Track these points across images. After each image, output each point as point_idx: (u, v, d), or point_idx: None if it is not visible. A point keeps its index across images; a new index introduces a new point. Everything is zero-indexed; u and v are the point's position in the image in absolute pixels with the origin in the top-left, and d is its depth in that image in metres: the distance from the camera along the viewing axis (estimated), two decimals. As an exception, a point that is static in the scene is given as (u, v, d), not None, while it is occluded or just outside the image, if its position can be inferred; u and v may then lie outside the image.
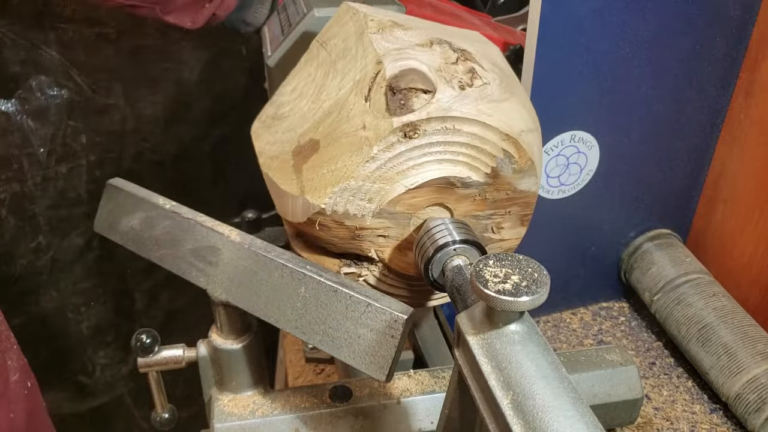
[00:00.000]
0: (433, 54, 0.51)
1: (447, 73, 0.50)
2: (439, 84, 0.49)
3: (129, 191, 0.58)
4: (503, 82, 0.52)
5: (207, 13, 0.85)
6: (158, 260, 0.54)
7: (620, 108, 0.72)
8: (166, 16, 0.85)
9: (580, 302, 0.87)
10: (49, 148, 1.04)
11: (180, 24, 0.85)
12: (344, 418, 0.53)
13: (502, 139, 0.49)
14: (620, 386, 0.60)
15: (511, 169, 0.51)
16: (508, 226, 0.55)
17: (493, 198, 0.52)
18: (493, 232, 0.54)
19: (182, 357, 0.55)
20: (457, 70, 0.51)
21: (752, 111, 0.74)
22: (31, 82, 0.99)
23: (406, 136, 0.47)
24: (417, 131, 0.47)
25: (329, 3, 0.65)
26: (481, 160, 0.50)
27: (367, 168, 0.48)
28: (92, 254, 1.16)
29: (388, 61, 0.50)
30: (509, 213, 0.53)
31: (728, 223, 0.80)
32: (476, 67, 0.51)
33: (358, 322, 0.44)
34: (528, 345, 0.37)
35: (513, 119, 0.50)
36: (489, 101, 0.50)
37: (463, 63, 0.51)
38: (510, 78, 0.54)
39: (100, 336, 1.23)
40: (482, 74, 0.51)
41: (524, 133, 0.51)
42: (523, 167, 0.51)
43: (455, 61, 0.51)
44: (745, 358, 0.68)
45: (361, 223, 0.50)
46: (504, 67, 0.55)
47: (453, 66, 0.51)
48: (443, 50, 0.52)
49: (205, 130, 1.19)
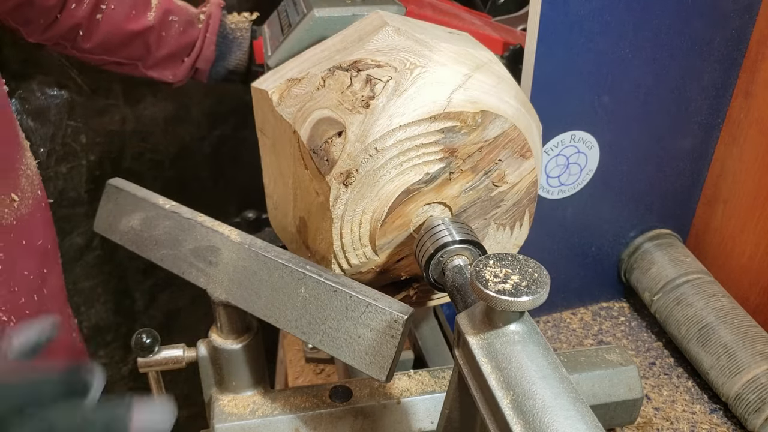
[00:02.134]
0: (328, 91, 0.51)
1: (348, 102, 0.49)
2: (345, 117, 0.49)
3: (129, 191, 0.58)
4: (408, 59, 0.50)
5: (186, 66, 0.88)
6: (158, 260, 0.54)
7: (620, 108, 0.72)
8: (149, 71, 0.88)
9: (580, 302, 0.87)
10: (49, 148, 1.04)
11: (163, 79, 0.88)
12: (344, 418, 0.53)
13: (430, 123, 0.48)
14: (620, 386, 0.60)
15: (461, 136, 0.49)
16: (511, 170, 0.52)
17: (471, 163, 0.50)
18: (497, 186, 0.53)
19: (182, 357, 0.55)
20: (355, 91, 0.50)
21: (752, 111, 0.74)
22: (31, 82, 0.99)
23: (345, 184, 0.48)
24: (351, 175, 0.48)
25: (329, 3, 0.65)
26: (425, 152, 0.49)
27: (336, 228, 0.49)
28: (92, 254, 1.16)
29: (298, 126, 0.50)
30: (501, 161, 0.51)
31: (728, 223, 0.80)
32: (371, 72, 0.50)
33: (358, 322, 0.44)
34: (528, 345, 0.37)
35: (433, 93, 0.48)
36: (399, 95, 0.48)
37: (357, 77, 0.50)
38: (420, 42, 0.52)
39: (100, 336, 1.23)
40: (379, 74, 0.50)
41: (455, 93, 0.49)
42: (474, 124, 0.49)
43: (350, 83, 0.50)
44: (745, 358, 0.68)
45: (374, 263, 0.52)
46: (409, 33, 0.53)
47: (350, 90, 0.50)
48: (336, 80, 0.51)
49: (205, 130, 1.19)
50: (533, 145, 0.53)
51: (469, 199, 0.52)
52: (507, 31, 0.91)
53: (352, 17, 0.63)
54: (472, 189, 0.52)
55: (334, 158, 0.48)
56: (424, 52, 0.51)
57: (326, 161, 0.48)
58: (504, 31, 0.90)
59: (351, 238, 0.50)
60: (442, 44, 0.52)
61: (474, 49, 0.54)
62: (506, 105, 0.51)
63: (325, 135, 0.49)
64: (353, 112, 0.48)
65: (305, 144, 0.49)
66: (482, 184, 0.52)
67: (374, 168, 0.48)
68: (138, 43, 0.83)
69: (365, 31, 0.55)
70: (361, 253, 0.51)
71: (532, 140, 0.53)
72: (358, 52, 0.52)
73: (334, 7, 0.64)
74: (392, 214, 0.50)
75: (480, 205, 0.53)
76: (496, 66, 0.54)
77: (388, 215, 0.50)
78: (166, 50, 0.85)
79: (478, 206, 0.53)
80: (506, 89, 0.52)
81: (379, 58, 0.51)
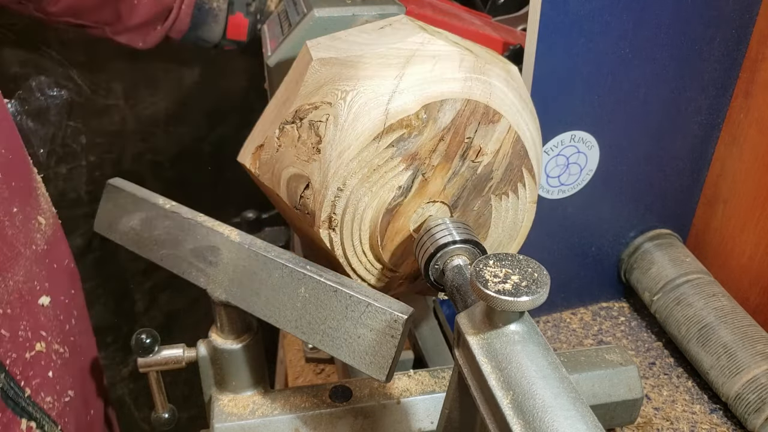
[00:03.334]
0: (286, 149, 0.51)
1: (303, 154, 0.50)
2: (306, 169, 0.49)
3: (129, 191, 0.58)
4: (339, 87, 0.49)
5: (159, 34, 0.85)
6: (158, 260, 0.54)
7: (620, 108, 0.72)
8: (117, 37, 0.85)
9: (580, 302, 0.87)
10: (48, 149, 1.04)
11: (131, 44, 0.86)
12: (344, 418, 0.53)
13: (377, 143, 0.47)
14: (620, 386, 0.60)
15: (414, 139, 0.48)
16: (485, 140, 0.50)
17: (439, 156, 0.49)
18: (479, 161, 0.51)
19: (182, 357, 0.55)
20: (304, 141, 0.50)
21: (752, 111, 0.74)
22: (31, 83, 0.99)
23: (333, 228, 0.50)
24: (333, 219, 0.49)
25: (329, 3, 0.65)
26: (386, 171, 0.48)
27: (346, 266, 0.52)
28: (92, 255, 1.16)
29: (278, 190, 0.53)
30: (469, 138, 0.49)
31: (728, 223, 0.80)
32: (311, 117, 0.49)
33: (358, 322, 0.44)
34: (528, 345, 0.37)
35: (369, 112, 0.47)
36: (340, 128, 0.48)
37: (302, 126, 0.50)
38: (345, 63, 0.50)
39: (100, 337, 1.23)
40: (318, 116, 0.49)
41: (391, 102, 0.47)
42: (421, 122, 0.47)
43: (298, 135, 0.50)
44: (745, 358, 0.68)
45: (399, 276, 0.54)
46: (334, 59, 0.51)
47: (300, 141, 0.50)
48: (287, 136, 0.51)
49: (205, 130, 1.19)
50: (501, 101, 0.50)
51: (456, 186, 0.51)
52: (507, 31, 0.91)
53: (352, 17, 0.63)
54: (455, 176, 0.50)
55: (312, 210, 0.50)
56: (350, 73, 0.49)
57: (308, 215, 0.50)
58: (504, 31, 0.90)
59: (364, 267, 0.52)
60: (366, 55, 0.50)
61: (402, 41, 0.51)
62: (451, 83, 0.48)
63: (298, 191, 0.50)
64: (310, 162, 0.49)
65: (288, 204, 0.52)
66: (463, 167, 0.50)
67: (348, 204, 0.49)
68: (108, 10, 0.79)
69: (299, 73, 0.54)
70: (381, 275, 0.53)
71: (498, 97, 0.49)
72: (296, 100, 0.52)
73: (334, 7, 0.64)
74: (387, 233, 0.51)
75: (471, 186, 0.52)
76: (430, 46, 0.51)
77: (384, 236, 0.51)
78: (138, 19, 0.82)
79: (470, 188, 0.52)
80: (445, 66, 0.49)
81: (314, 100, 0.50)
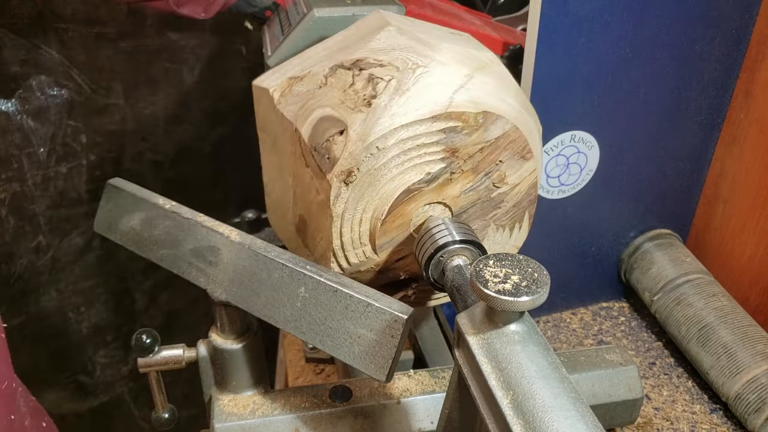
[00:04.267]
0: (330, 90, 0.51)
1: (350, 101, 0.49)
2: (347, 116, 0.48)
3: (129, 191, 0.58)
4: (411, 58, 0.50)
5: (220, 2, 0.84)
6: (158, 260, 0.54)
7: (620, 108, 0.72)
8: (180, 8, 0.84)
9: (580, 302, 0.87)
10: (49, 148, 1.04)
11: (193, 15, 0.85)
12: (344, 418, 0.53)
13: (432, 123, 0.48)
14: (620, 386, 0.60)
15: (463, 136, 0.49)
16: (511, 171, 0.53)
17: (472, 164, 0.50)
18: (498, 187, 0.53)
19: (182, 357, 0.55)
20: (357, 90, 0.50)
21: (752, 111, 0.74)
22: (31, 82, 0.99)
23: (346, 183, 0.48)
24: (352, 174, 0.48)
25: (329, 3, 0.65)
26: (426, 152, 0.49)
27: (336, 227, 0.49)
28: (92, 254, 1.16)
29: (299, 124, 0.50)
30: (501, 162, 0.51)
31: (728, 223, 0.80)
32: (373, 71, 0.50)
33: (358, 322, 0.44)
34: (528, 345, 0.37)
35: (435, 93, 0.48)
36: (401, 94, 0.48)
37: (359, 76, 0.50)
38: (422, 42, 0.52)
39: (100, 336, 1.23)
40: (381, 73, 0.50)
41: (457, 93, 0.49)
42: (476, 124, 0.49)
43: (352, 81, 0.50)
44: (745, 358, 0.68)
45: (374, 262, 0.52)
46: (411, 32, 0.53)
47: (352, 88, 0.50)
48: (338, 78, 0.51)
49: (205, 130, 1.19)
50: (534, 146, 0.53)
51: (469, 199, 0.52)
52: (507, 31, 0.91)
53: (352, 17, 0.63)
54: (473, 190, 0.52)
55: (335, 157, 0.48)
56: (426, 51, 0.51)
57: (327, 159, 0.48)
58: (504, 31, 0.90)
59: (351, 236, 0.50)
60: (443, 44, 0.52)
61: (475, 50, 0.54)
62: (507, 106, 0.51)
63: (327, 133, 0.48)
64: (355, 111, 0.48)
65: (306, 142, 0.49)
66: (483, 185, 0.52)
67: (375, 167, 0.48)
68: None
69: (367, 30, 0.55)
70: (361, 252, 0.51)
71: (533, 142, 0.53)
72: (361, 51, 0.52)
73: (334, 7, 0.64)
74: (393, 213, 0.50)
75: (480, 205, 0.53)
76: (498, 67, 0.54)
77: (389, 214, 0.50)
78: None
79: (479, 207, 0.53)
80: (507, 90, 0.52)
81: (382, 57, 0.51)
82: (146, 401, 1.34)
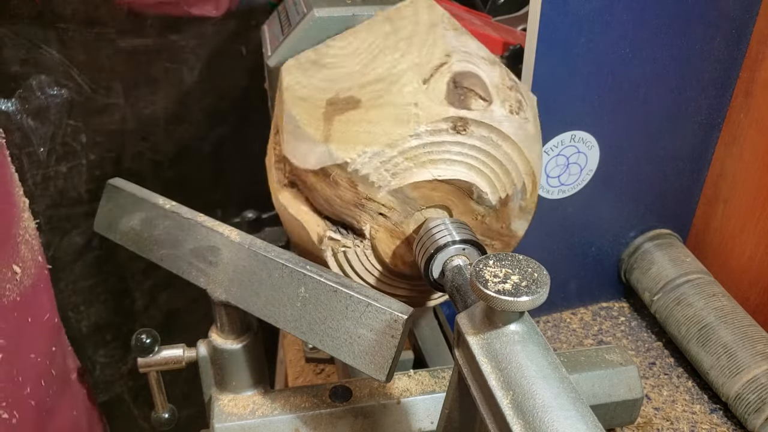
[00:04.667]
0: (494, 71, 0.53)
1: (503, 93, 0.52)
2: (495, 99, 0.51)
3: (129, 191, 0.58)
4: (536, 126, 0.55)
5: None
6: (158, 260, 0.54)
7: (620, 108, 0.72)
8: (192, 9, 0.85)
9: (580, 302, 0.87)
10: (49, 148, 1.04)
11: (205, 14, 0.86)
12: (344, 418, 0.53)
13: (526, 173, 0.52)
14: (620, 386, 0.60)
15: (519, 204, 0.53)
16: None
17: (489, 226, 0.54)
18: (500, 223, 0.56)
19: (182, 357, 0.55)
20: (510, 96, 0.52)
21: (752, 111, 0.74)
22: (31, 82, 0.99)
23: (455, 128, 0.49)
24: (466, 129, 0.49)
25: (329, 3, 0.65)
26: (503, 182, 0.51)
27: (408, 143, 0.49)
28: (92, 254, 1.16)
29: (456, 58, 0.52)
30: (492, 246, 0.56)
31: (728, 223, 0.80)
32: (523, 101, 0.53)
33: (358, 322, 0.44)
34: (528, 345, 0.37)
35: (536, 161, 0.53)
36: (526, 135, 0.52)
37: (516, 92, 0.53)
38: (538, 128, 0.56)
39: (99, 335, 1.23)
40: (525, 109, 0.53)
41: (538, 178, 0.54)
42: (527, 207, 0.54)
43: (510, 87, 0.53)
44: (745, 358, 0.68)
45: (374, 194, 0.50)
46: (536, 115, 0.58)
47: (508, 90, 0.53)
48: (502, 73, 0.54)
49: (205, 130, 1.19)
50: None
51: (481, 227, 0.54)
52: (507, 31, 0.91)
53: (352, 17, 0.63)
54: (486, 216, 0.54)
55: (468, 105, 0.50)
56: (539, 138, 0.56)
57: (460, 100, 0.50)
58: (504, 31, 0.90)
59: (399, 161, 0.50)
60: None
61: None
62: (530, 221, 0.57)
63: (472, 86, 0.51)
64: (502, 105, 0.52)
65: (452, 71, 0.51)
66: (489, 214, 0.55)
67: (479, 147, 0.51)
68: None
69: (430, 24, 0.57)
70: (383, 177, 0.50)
71: None
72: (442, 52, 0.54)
73: (334, 7, 0.64)
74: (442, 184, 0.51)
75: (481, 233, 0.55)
76: None
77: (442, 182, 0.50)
78: None
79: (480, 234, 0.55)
80: None
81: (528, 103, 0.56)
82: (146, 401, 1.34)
